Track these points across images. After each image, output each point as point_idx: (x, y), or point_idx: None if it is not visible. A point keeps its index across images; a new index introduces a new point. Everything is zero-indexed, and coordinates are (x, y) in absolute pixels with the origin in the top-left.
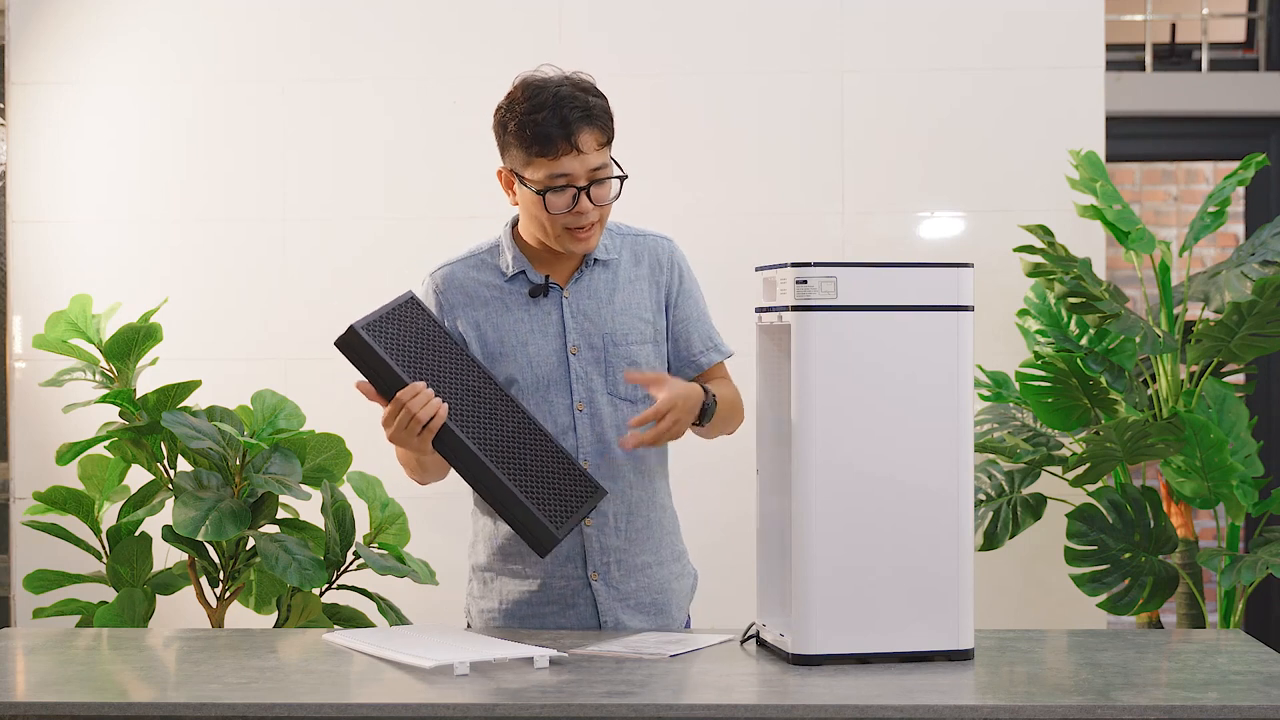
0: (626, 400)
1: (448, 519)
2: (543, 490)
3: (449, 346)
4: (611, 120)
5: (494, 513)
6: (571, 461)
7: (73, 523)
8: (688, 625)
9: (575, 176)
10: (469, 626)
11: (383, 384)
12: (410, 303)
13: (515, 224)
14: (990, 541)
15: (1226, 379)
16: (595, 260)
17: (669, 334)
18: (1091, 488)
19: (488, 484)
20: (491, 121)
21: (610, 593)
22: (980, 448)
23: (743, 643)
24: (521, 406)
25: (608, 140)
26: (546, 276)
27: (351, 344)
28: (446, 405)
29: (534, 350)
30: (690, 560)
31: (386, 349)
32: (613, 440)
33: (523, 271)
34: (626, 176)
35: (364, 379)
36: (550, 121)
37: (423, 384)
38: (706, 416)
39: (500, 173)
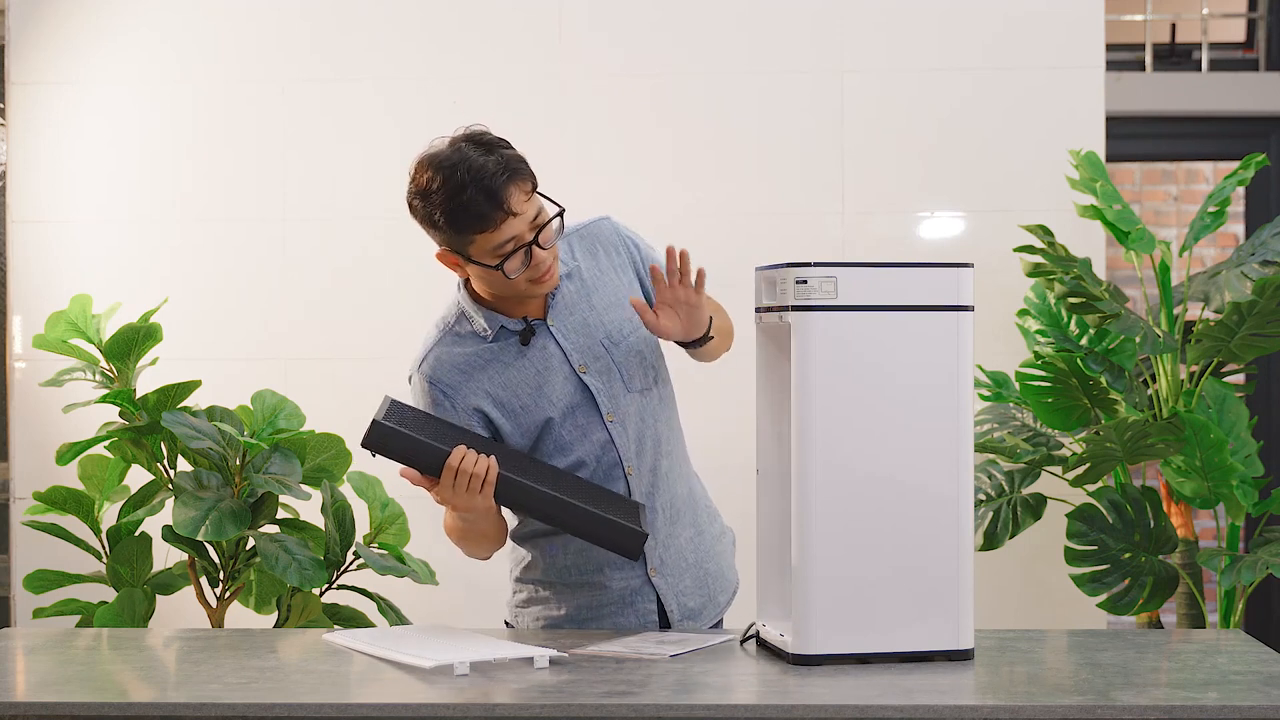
0: (643, 391)
1: None
2: (608, 506)
3: (450, 427)
4: (526, 164)
5: (541, 543)
6: (602, 487)
7: (73, 523)
8: (738, 587)
9: (520, 236)
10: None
11: (424, 462)
12: (395, 403)
13: (467, 283)
14: (990, 541)
15: (1226, 379)
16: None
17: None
18: (1091, 488)
19: (561, 513)
20: (411, 204)
21: (669, 583)
22: (980, 448)
23: (743, 643)
24: (540, 458)
25: (533, 186)
26: (525, 318)
27: (381, 435)
28: (494, 456)
29: (550, 390)
30: (723, 519)
31: (414, 429)
32: (645, 435)
33: (501, 326)
34: (563, 210)
35: (405, 467)
36: (477, 198)
37: (464, 446)
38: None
39: (439, 255)
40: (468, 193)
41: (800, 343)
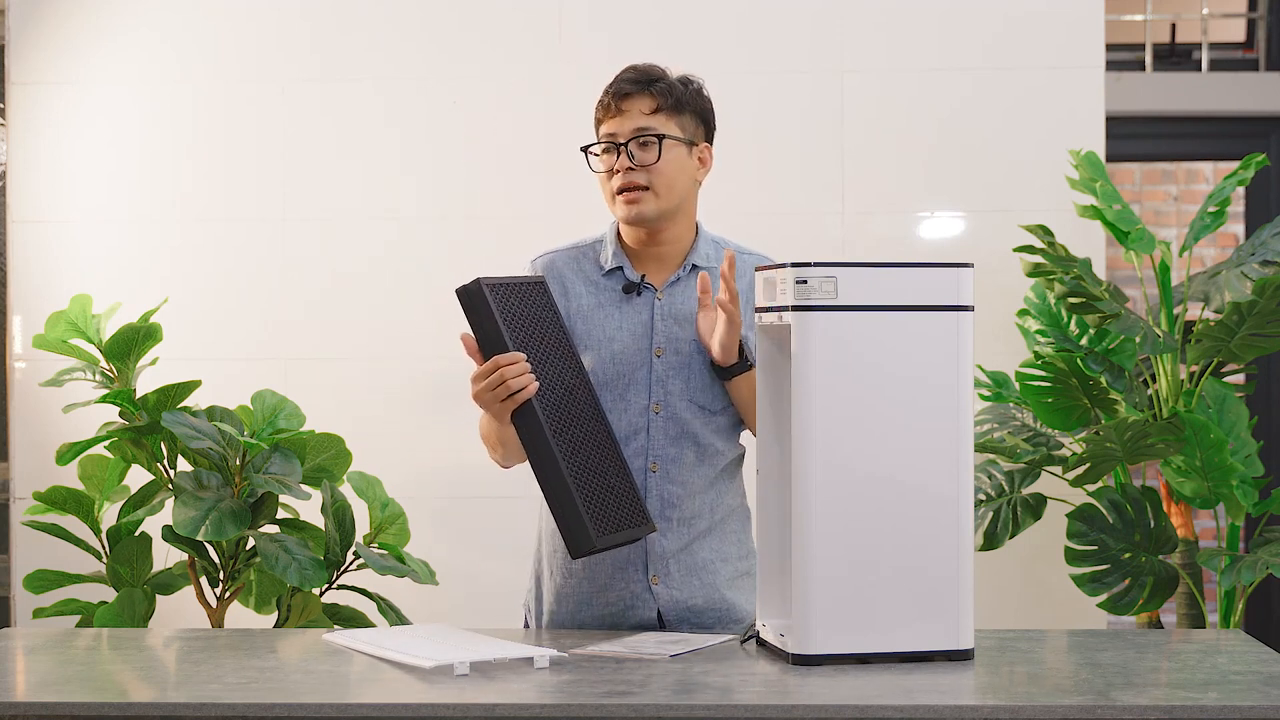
0: (704, 408)
1: (448, 519)
2: (597, 499)
3: (560, 338)
4: (675, 93)
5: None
6: (634, 488)
7: (73, 523)
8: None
9: (618, 135)
10: (526, 626)
11: (487, 343)
12: (539, 285)
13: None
14: (990, 541)
15: (1226, 379)
16: (694, 266)
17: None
18: (1091, 488)
19: (548, 472)
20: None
21: (672, 596)
22: (980, 448)
23: (743, 643)
24: (607, 421)
25: (661, 109)
26: (643, 276)
27: (472, 296)
28: (538, 384)
29: (619, 347)
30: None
31: (501, 313)
32: (686, 445)
33: (620, 268)
34: (663, 136)
35: (469, 333)
36: (609, 89)
37: (523, 355)
38: (728, 375)
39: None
40: (610, 84)
41: (800, 343)
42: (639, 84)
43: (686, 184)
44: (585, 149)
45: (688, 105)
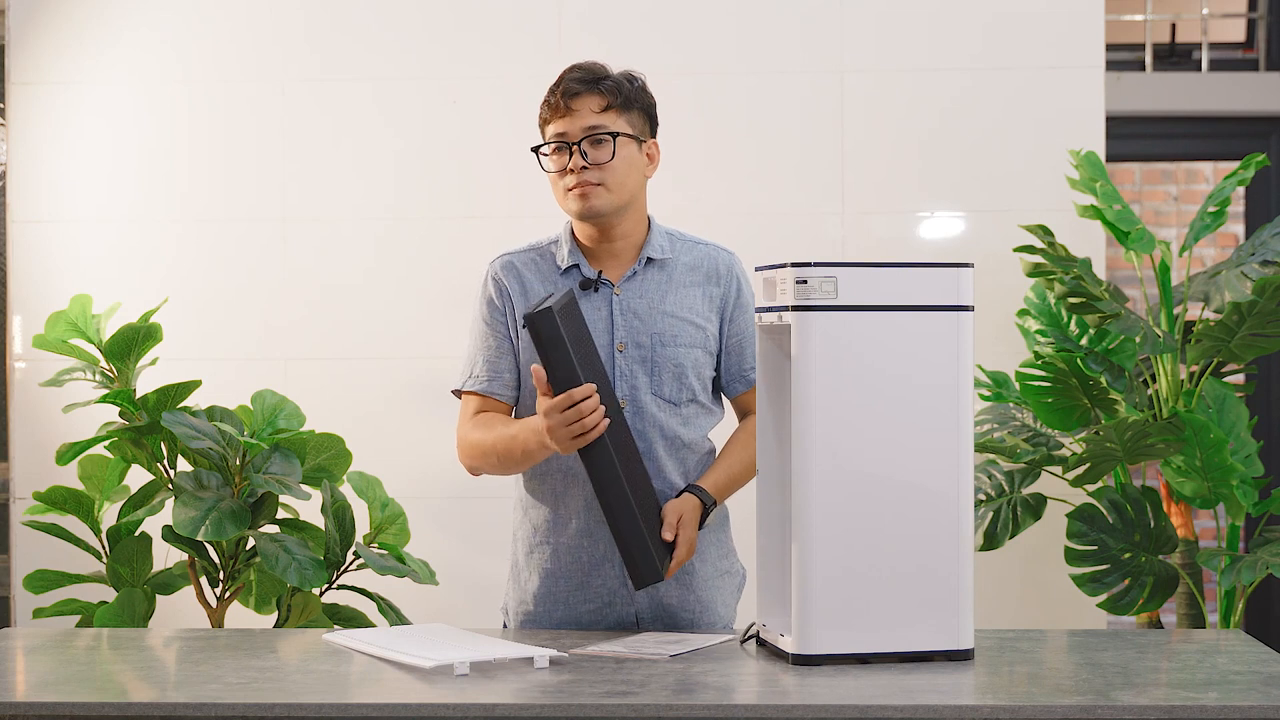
0: (670, 401)
1: (448, 519)
2: (651, 527)
3: (596, 356)
4: (623, 91)
5: (532, 513)
6: (660, 508)
7: (73, 523)
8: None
9: (569, 135)
10: (505, 625)
11: (559, 375)
12: (574, 301)
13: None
14: (990, 541)
15: (1226, 379)
16: (650, 260)
17: (723, 345)
18: (1091, 488)
19: (619, 508)
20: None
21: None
22: (980, 448)
23: (743, 643)
24: (633, 438)
25: (611, 106)
26: (599, 272)
27: (543, 326)
28: (608, 420)
29: None
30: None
31: (571, 341)
32: (655, 439)
33: (576, 265)
34: (617, 134)
35: (539, 366)
36: (555, 89)
37: (594, 387)
38: (701, 526)
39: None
40: (555, 84)
41: (800, 343)
42: (587, 83)
43: (637, 180)
44: (536, 149)
45: (635, 102)
